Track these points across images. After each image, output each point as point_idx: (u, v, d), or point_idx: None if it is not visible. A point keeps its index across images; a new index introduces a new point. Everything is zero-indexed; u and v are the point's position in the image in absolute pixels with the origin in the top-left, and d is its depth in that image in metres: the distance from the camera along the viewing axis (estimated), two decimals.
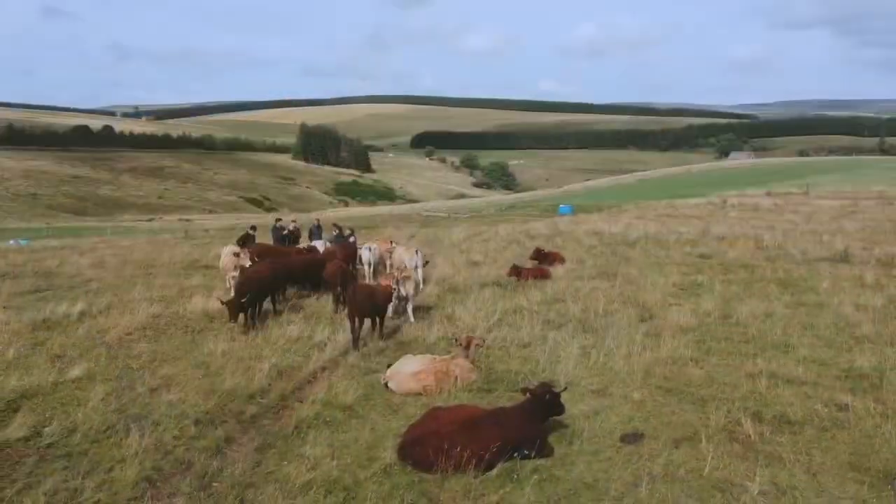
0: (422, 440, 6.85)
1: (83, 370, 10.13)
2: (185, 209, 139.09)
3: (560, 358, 10.66)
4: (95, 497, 6.53)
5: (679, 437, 7.64)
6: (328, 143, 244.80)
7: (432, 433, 6.86)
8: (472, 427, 6.90)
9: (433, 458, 6.70)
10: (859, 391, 8.89)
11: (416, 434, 6.96)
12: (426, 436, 6.86)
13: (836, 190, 53.19)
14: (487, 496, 6.37)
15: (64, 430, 7.95)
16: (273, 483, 6.75)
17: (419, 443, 6.85)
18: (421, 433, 6.93)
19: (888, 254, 19.95)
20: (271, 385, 9.66)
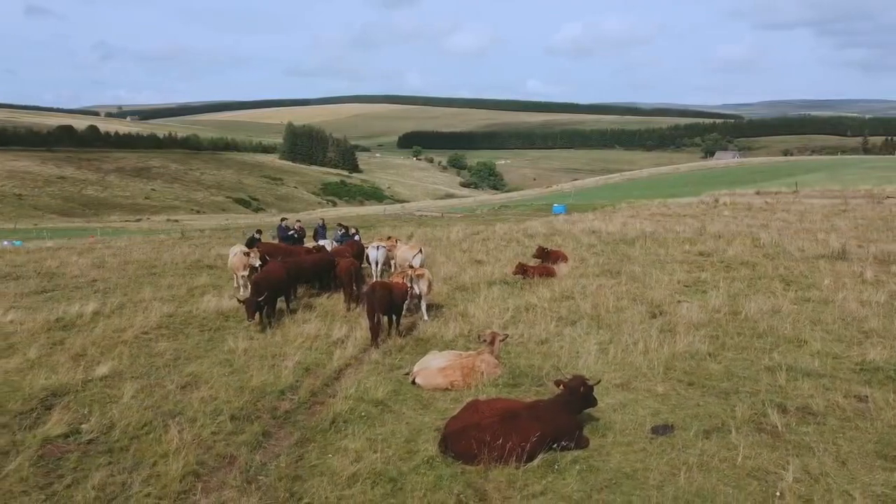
0: (464, 432, 7.01)
1: (110, 368, 10.22)
2: (172, 210, 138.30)
3: (579, 353, 10.85)
4: (145, 490, 6.64)
5: (708, 428, 7.85)
6: (315, 143, 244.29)
7: (474, 425, 7.02)
8: (512, 419, 7.07)
9: (476, 449, 6.86)
10: (876, 383, 9.14)
11: (458, 426, 7.11)
12: (468, 428, 7.02)
13: (824, 188, 53.86)
14: (531, 486, 6.55)
15: (103, 427, 8.05)
16: (319, 476, 6.88)
17: (461, 435, 7.01)
18: (462, 425, 7.08)
19: (884, 251, 20.29)
20: (299, 382, 9.78)
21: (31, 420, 8.38)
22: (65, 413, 8.37)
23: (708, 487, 6.47)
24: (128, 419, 8.18)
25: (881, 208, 35.87)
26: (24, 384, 9.63)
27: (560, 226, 33.34)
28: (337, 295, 16.13)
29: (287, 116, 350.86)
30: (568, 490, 6.44)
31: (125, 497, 6.55)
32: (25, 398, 9.04)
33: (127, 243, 32.12)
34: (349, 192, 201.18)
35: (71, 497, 6.58)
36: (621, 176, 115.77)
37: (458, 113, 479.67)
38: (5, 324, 13.56)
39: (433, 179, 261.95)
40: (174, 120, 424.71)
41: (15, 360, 10.77)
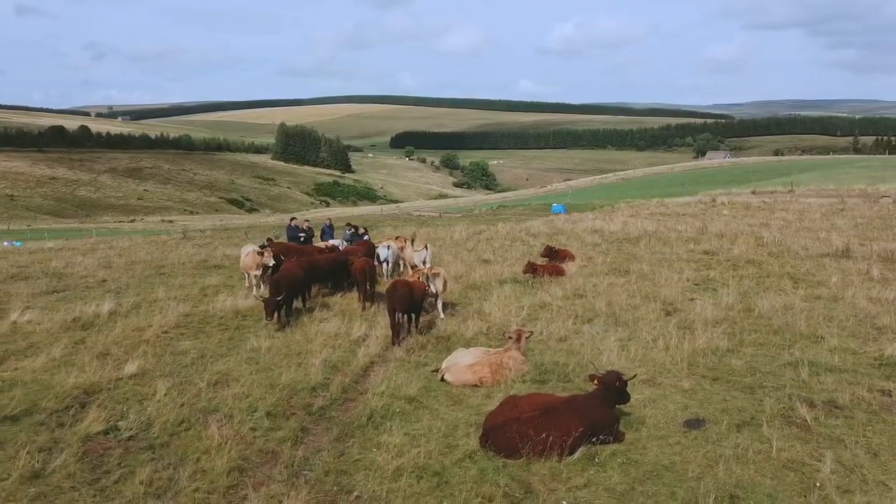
0: (505, 427, 7.13)
1: (137, 367, 10.28)
2: (165, 210, 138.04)
3: (600, 350, 10.98)
4: (192, 486, 6.72)
5: (738, 422, 8.00)
6: (308, 144, 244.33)
7: (514, 420, 7.14)
8: (552, 413, 7.19)
9: (517, 443, 6.98)
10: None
11: (499, 421, 7.23)
12: (509, 422, 7.14)
13: (819, 188, 54.30)
14: (574, 479, 6.67)
15: (141, 424, 8.12)
16: (363, 470, 6.98)
17: (503, 429, 7.12)
18: (503, 420, 7.20)
19: (887, 249, 20.56)
20: (329, 379, 9.86)
21: (68, 418, 8.44)
22: (101, 411, 8.43)
23: (747, 479, 6.61)
24: (165, 416, 8.25)
25: (878, 207, 36.29)
26: (54, 383, 9.69)
27: (561, 225, 33.55)
28: (351, 294, 16.24)
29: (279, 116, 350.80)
30: (611, 482, 6.58)
31: (174, 492, 6.63)
32: (58, 396, 9.09)
33: (130, 244, 32.10)
34: (342, 193, 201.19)
35: (120, 492, 6.65)
36: (616, 176, 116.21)
37: (450, 113, 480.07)
38: (24, 324, 13.60)
39: (426, 179, 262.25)
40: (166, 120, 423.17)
41: (41, 359, 10.80)
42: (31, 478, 6.86)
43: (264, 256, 16.56)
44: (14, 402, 8.79)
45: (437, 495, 6.45)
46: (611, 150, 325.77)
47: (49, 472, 6.98)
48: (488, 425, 7.31)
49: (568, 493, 6.40)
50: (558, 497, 6.33)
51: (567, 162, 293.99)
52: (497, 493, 6.41)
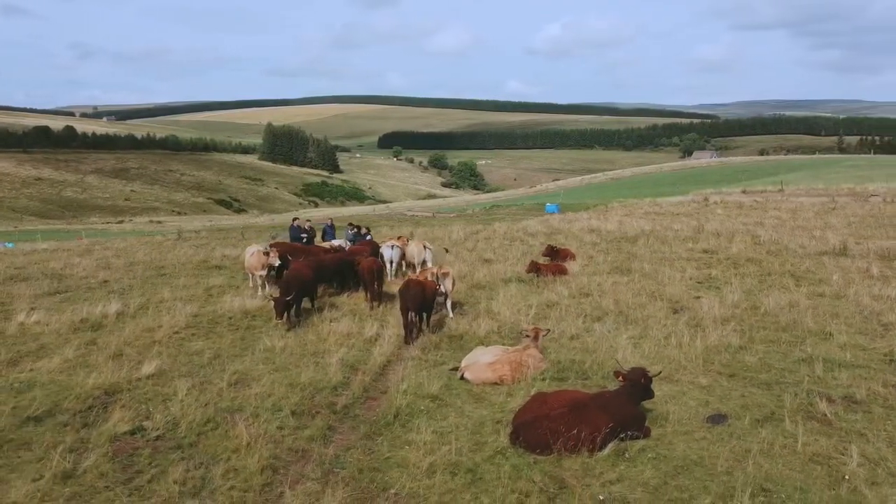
0: (535, 423, 7.20)
1: (155, 367, 10.26)
2: (153, 211, 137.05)
3: (614, 348, 11.07)
4: (227, 484, 6.74)
5: (760, 417, 8.12)
6: (295, 144, 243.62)
7: (544, 416, 7.21)
8: (581, 410, 7.27)
9: (548, 440, 7.06)
10: None
11: (529, 418, 7.30)
12: (539, 419, 7.21)
13: (809, 187, 54.86)
14: (606, 474, 6.75)
15: (167, 424, 8.12)
16: (396, 467, 7.03)
17: (533, 426, 7.20)
18: (533, 417, 7.27)
19: (883, 248, 20.86)
20: (348, 378, 9.91)
21: (92, 418, 8.43)
22: (125, 411, 8.43)
23: (776, 473, 6.72)
24: (191, 416, 8.25)
25: (869, 206, 36.72)
26: (72, 384, 9.65)
27: (558, 225, 33.70)
28: (358, 294, 16.26)
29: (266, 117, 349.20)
30: (643, 477, 6.67)
31: (209, 491, 6.65)
32: (79, 397, 9.06)
33: (126, 245, 31.89)
34: (330, 193, 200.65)
35: (154, 491, 6.66)
36: (605, 175, 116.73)
37: (438, 113, 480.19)
38: (31, 325, 13.51)
39: (414, 179, 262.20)
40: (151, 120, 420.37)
41: (55, 360, 10.76)
42: (64, 478, 6.86)
43: (270, 257, 16.54)
44: (35, 403, 8.77)
45: (472, 491, 6.51)
46: (598, 149, 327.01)
47: (81, 472, 6.98)
48: (518, 422, 7.38)
49: (602, 488, 6.49)
50: (593, 492, 6.41)
51: (555, 162, 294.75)
52: (533, 488, 6.48)
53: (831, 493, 6.36)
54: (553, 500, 6.34)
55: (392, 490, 6.59)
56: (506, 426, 7.91)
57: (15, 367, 10.69)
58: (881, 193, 45.40)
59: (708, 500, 6.21)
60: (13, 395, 9.25)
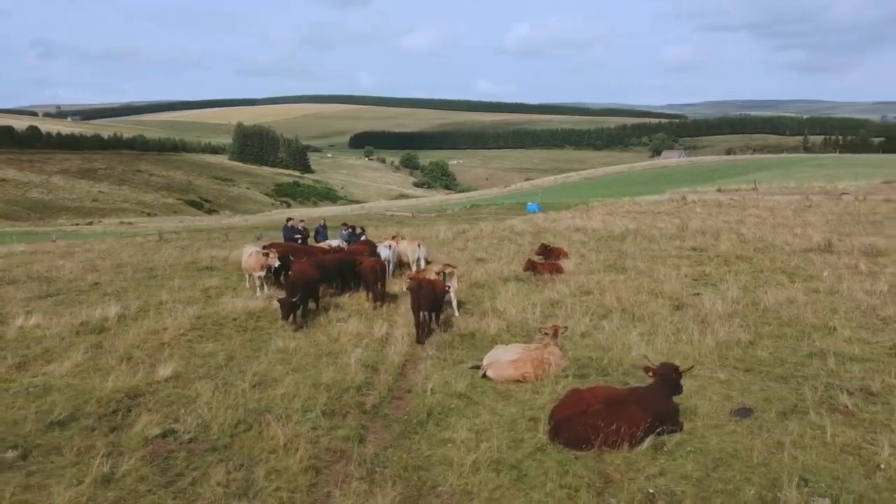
0: (574, 419, 7.29)
1: (171, 370, 10.13)
2: (122, 212, 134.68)
3: (628, 345, 11.19)
4: (272, 485, 6.72)
5: (784, 410, 8.32)
6: (266, 144, 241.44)
7: (582, 412, 7.31)
8: (619, 406, 7.38)
9: (588, 435, 7.15)
10: None
11: (567, 414, 7.38)
12: (577, 415, 7.30)
13: (781, 186, 55.98)
14: (648, 468, 6.87)
15: (198, 427, 8.05)
16: (439, 465, 7.07)
17: (572, 422, 7.28)
18: (571, 413, 7.36)
19: (866, 244, 21.37)
20: (370, 378, 9.91)
21: (117, 422, 8.33)
22: (152, 414, 8.33)
23: (810, 463, 6.90)
24: (221, 418, 8.19)
25: (843, 204, 37.57)
26: (89, 387, 9.50)
27: (542, 224, 33.94)
28: (358, 294, 16.23)
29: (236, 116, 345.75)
30: (685, 470, 6.79)
31: (254, 492, 6.62)
32: (100, 401, 8.93)
33: (107, 246, 31.32)
34: (303, 193, 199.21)
35: (199, 494, 6.61)
36: (578, 175, 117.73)
37: (409, 113, 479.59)
38: (31, 329, 13.22)
39: (386, 179, 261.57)
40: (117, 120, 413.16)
41: (66, 364, 10.57)
42: (104, 482, 6.78)
43: (270, 257, 16.43)
44: (57, 407, 8.62)
45: (520, 487, 6.58)
46: (569, 149, 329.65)
47: (120, 475, 6.90)
48: (557, 418, 7.46)
49: (647, 482, 6.60)
50: (640, 486, 6.52)
51: (526, 161, 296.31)
52: (580, 483, 6.57)
53: (868, 481, 6.54)
54: (601, 495, 6.43)
55: (440, 488, 6.63)
56: (539, 423, 8.00)
57: (24, 372, 10.49)
58: (851, 191, 46.54)
59: (752, 490, 6.35)
60: (31, 400, 9.08)
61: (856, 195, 42.13)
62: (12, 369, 10.57)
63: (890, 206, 34.52)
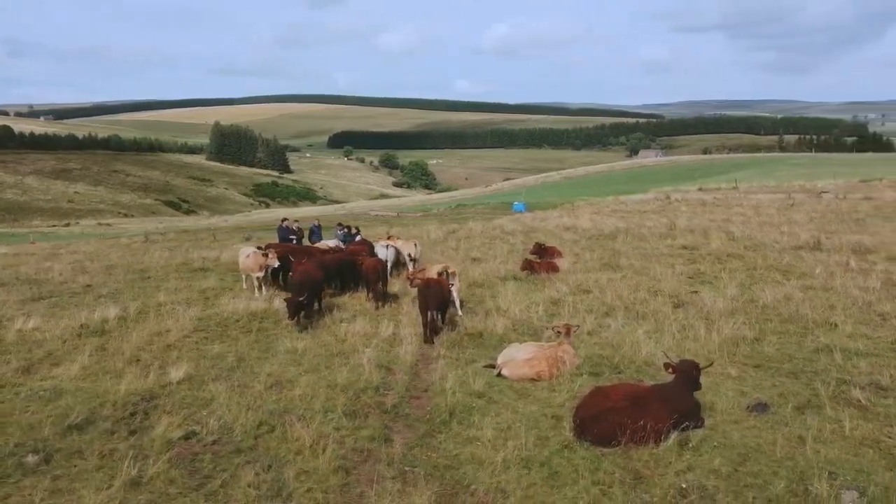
0: (600, 417, 7.36)
1: (184, 372, 10.04)
2: (98, 213, 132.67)
3: (636, 343, 11.29)
4: (303, 486, 6.71)
5: (799, 404, 8.47)
6: (244, 144, 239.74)
7: (608, 410, 7.38)
8: (643, 403, 7.47)
9: (614, 432, 7.23)
10: None
11: (593, 412, 7.45)
12: (603, 413, 7.38)
13: (762, 185, 56.75)
14: (676, 463, 6.96)
15: (222, 428, 8.00)
16: (468, 464, 7.11)
17: (598, 420, 7.35)
18: (597, 411, 7.43)
19: (853, 242, 21.74)
20: (385, 378, 9.92)
21: (136, 424, 8.25)
22: (172, 416, 8.27)
23: (833, 457, 7.04)
24: (242, 419, 8.15)
25: (825, 203, 38.17)
26: (101, 391, 9.40)
27: (531, 223, 34.09)
28: (359, 294, 16.20)
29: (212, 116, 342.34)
30: (713, 465, 6.89)
31: (286, 493, 6.60)
32: (115, 404, 8.83)
33: (93, 248, 30.89)
34: (281, 193, 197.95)
35: (230, 496, 6.59)
36: (559, 175, 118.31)
37: (388, 113, 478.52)
38: (31, 332, 13.00)
39: (365, 179, 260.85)
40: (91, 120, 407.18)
41: (74, 367, 10.42)
42: (133, 485, 6.72)
43: (269, 258, 16.33)
44: (73, 411, 8.51)
45: (553, 485, 6.63)
46: (547, 149, 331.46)
47: (148, 478, 6.85)
48: (582, 416, 7.52)
49: (677, 478, 6.69)
50: (670, 481, 6.60)
51: (506, 161, 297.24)
52: (612, 480, 6.65)
53: (891, 473, 6.69)
54: (633, 491, 6.51)
55: (473, 486, 6.66)
56: (562, 421, 8.07)
57: (31, 375, 10.33)
58: (831, 190, 47.36)
59: (782, 484, 6.46)
60: (43, 404, 8.96)
61: (836, 194, 42.85)
62: (18, 373, 10.41)
63: (870, 205, 35.17)
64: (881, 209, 33.35)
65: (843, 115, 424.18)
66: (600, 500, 6.32)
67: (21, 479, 6.89)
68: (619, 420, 7.26)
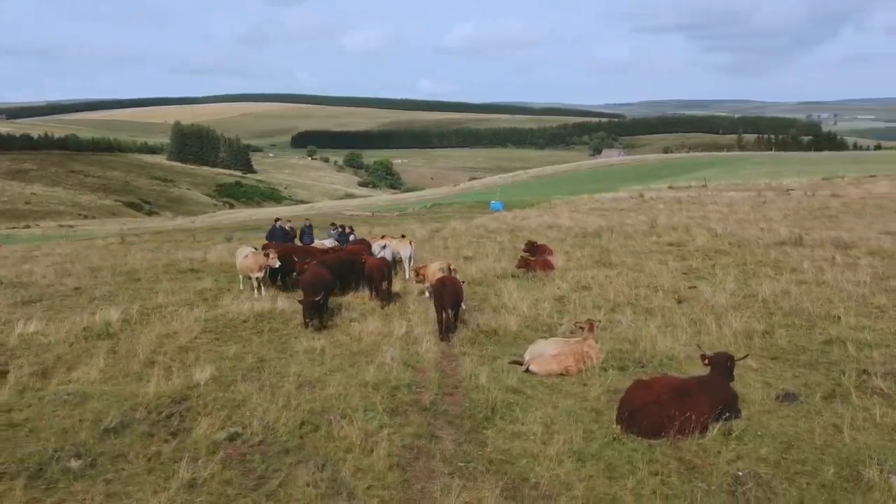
0: (646, 409, 7.51)
1: (209, 374, 9.91)
2: (57, 215, 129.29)
3: (648, 337, 11.51)
4: (363, 484, 6.71)
5: (826, 394, 8.76)
6: (205, 143, 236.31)
7: (654, 402, 7.54)
8: (687, 394, 7.64)
9: (662, 424, 7.39)
10: None
11: (638, 404, 7.60)
12: (649, 405, 7.53)
13: (730, 183, 57.96)
14: (724, 453, 7.14)
15: (266, 429, 7.93)
16: (523, 458, 7.18)
17: (645, 412, 7.51)
18: (643, 403, 7.58)
19: (832, 237, 22.42)
20: (415, 376, 9.94)
21: (174, 427, 8.14)
22: (210, 418, 8.16)
23: (870, 443, 7.30)
24: (283, 419, 8.10)
25: (795, 200, 39.20)
26: (126, 393, 9.24)
27: (513, 222, 34.33)
28: (360, 293, 16.16)
29: (172, 115, 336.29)
30: (760, 453, 7.10)
31: (347, 492, 6.59)
32: (147, 407, 8.69)
33: (70, 250, 30.14)
34: (246, 194, 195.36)
35: (290, 495, 6.55)
36: (527, 174, 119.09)
37: (351, 112, 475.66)
38: (33, 336, 12.68)
39: (330, 179, 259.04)
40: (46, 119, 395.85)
41: (92, 371, 10.22)
42: (189, 486, 6.64)
43: (270, 258, 16.18)
44: (106, 415, 8.33)
45: (611, 476, 6.76)
46: (512, 148, 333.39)
47: (203, 480, 6.77)
48: (629, 409, 7.66)
49: (729, 466, 6.87)
50: (722, 470, 6.78)
51: (470, 160, 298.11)
52: (668, 469, 6.79)
53: None
54: (690, 480, 6.66)
55: (533, 479, 6.74)
56: (602, 414, 8.23)
57: (48, 380, 10.07)
58: (796, 188, 48.65)
59: (831, 471, 6.69)
60: (71, 408, 8.78)
61: (804, 191, 44.03)
62: (34, 377, 10.15)
63: (839, 202, 36.25)
64: (850, 206, 34.41)
65: (798, 114, 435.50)
66: (661, 490, 6.45)
67: (71, 484, 6.75)
68: (667, 412, 7.42)
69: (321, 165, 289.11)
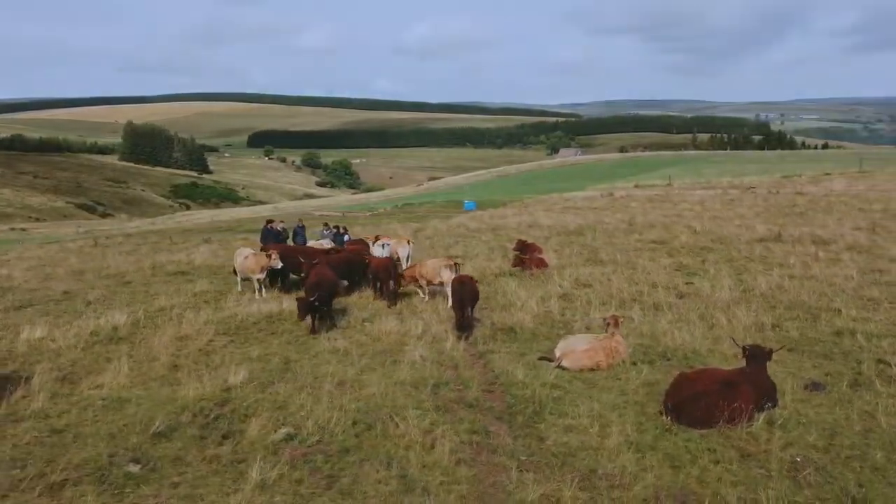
0: (694, 401, 7.78)
1: (244, 377, 9.84)
2: (7, 217, 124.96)
3: (665, 332, 11.85)
4: (435, 479, 6.83)
5: (850, 383, 9.16)
6: (158, 143, 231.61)
7: (702, 393, 7.81)
8: (732, 386, 7.93)
9: (711, 415, 7.66)
10: None
11: (685, 396, 7.86)
12: (697, 396, 7.80)
13: (694, 181, 59.29)
14: (773, 441, 7.44)
15: (321, 429, 7.95)
16: (582, 451, 7.37)
17: (694, 404, 7.77)
18: (690, 395, 7.85)
19: (809, 234, 23.22)
20: (448, 374, 10.04)
21: (225, 429, 8.10)
22: (263, 420, 8.15)
23: None
24: (336, 419, 8.12)
25: (762, 198, 40.29)
26: (165, 398, 9.17)
27: (492, 221, 34.54)
28: (366, 293, 16.17)
29: (123, 115, 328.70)
30: (808, 440, 7.42)
31: (420, 488, 6.68)
32: (191, 410, 8.62)
33: (44, 252, 29.33)
34: (202, 194, 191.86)
35: (365, 493, 6.62)
36: (489, 173, 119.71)
37: (308, 112, 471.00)
38: (40, 341, 12.41)
39: (288, 179, 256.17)
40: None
41: (119, 376, 10.07)
42: (262, 487, 6.65)
43: (272, 259, 16.07)
44: (154, 420, 8.24)
45: (675, 465, 6.99)
46: (469, 148, 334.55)
47: (273, 480, 6.79)
48: (676, 401, 7.92)
49: (782, 452, 7.17)
50: (777, 457, 7.08)
51: (428, 160, 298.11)
52: (729, 457, 7.06)
53: None
54: (751, 468, 6.93)
55: (599, 471, 6.93)
56: (645, 406, 8.48)
57: (75, 385, 9.93)
58: (758, 186, 50.03)
59: (879, 454, 7.05)
60: (111, 413, 8.67)
61: (768, 189, 45.30)
62: (58, 383, 9.99)
63: (804, 199, 37.41)
64: (816, 203, 35.54)
65: (747, 114, 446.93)
66: (725, 477, 6.72)
67: (138, 488, 6.70)
68: (716, 402, 7.70)
69: (279, 165, 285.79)
